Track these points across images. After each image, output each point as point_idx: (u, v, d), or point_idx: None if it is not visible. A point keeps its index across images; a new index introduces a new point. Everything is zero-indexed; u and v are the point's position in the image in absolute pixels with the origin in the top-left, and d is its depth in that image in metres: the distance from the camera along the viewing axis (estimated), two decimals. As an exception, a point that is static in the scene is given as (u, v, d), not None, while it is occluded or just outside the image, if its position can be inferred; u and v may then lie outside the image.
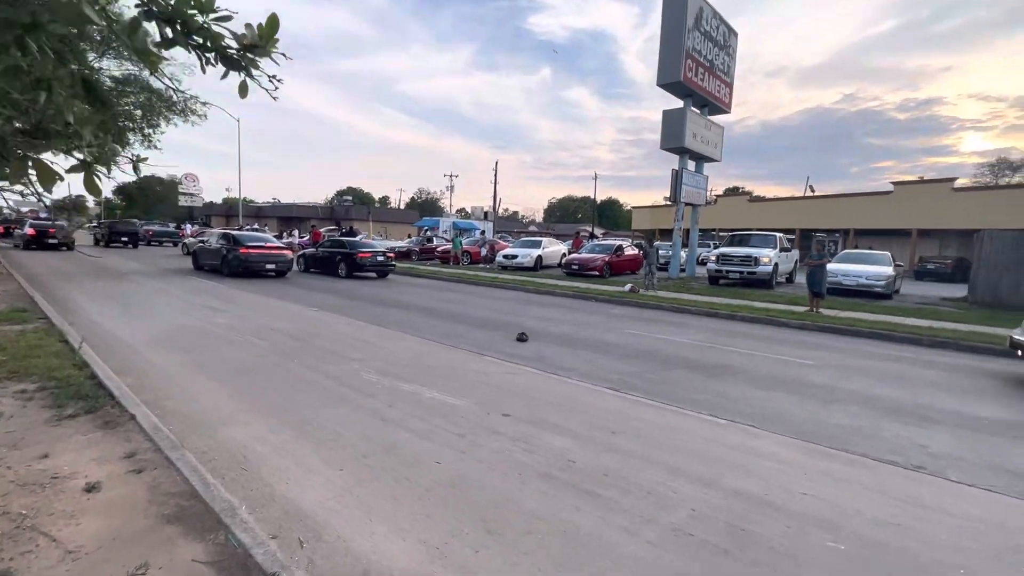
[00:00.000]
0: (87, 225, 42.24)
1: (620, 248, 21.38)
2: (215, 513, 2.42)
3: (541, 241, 24.33)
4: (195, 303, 10.10)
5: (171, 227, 38.04)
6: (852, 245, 28.96)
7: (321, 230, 31.17)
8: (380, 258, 16.92)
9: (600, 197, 74.90)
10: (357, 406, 4.48)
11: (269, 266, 15.51)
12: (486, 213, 56.17)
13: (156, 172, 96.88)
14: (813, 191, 42.51)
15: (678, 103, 18.90)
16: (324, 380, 5.19)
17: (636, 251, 22.85)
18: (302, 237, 33.15)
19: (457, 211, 75.79)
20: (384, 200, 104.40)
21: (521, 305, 11.92)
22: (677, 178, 19.17)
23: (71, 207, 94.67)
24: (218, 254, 15.98)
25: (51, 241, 23.38)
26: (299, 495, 2.90)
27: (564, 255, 25.27)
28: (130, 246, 29.30)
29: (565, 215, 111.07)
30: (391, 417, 4.24)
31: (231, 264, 15.28)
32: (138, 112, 20.80)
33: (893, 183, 32.29)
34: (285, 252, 16.22)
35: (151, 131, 21.77)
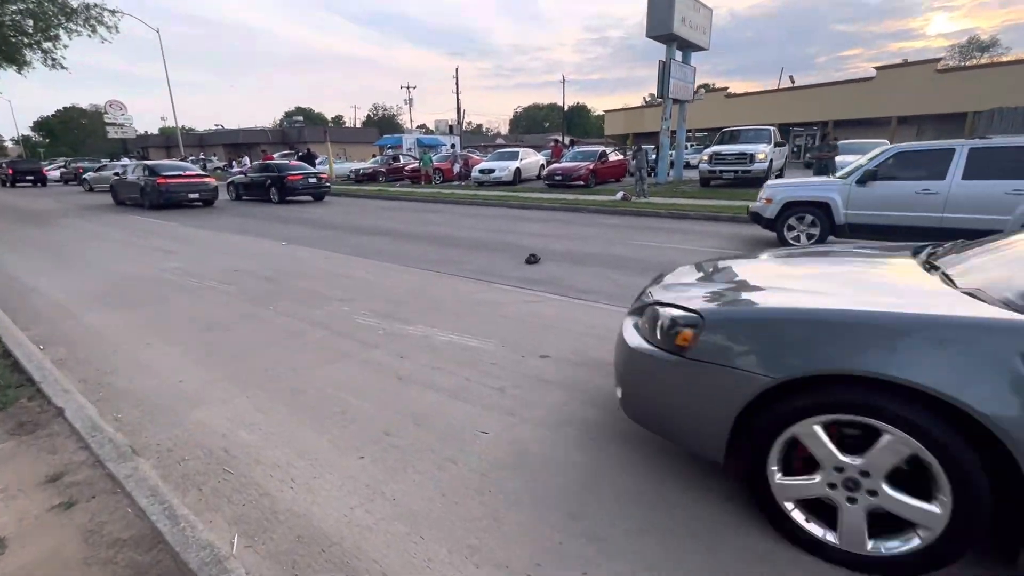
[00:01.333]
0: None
1: (604, 154, 20.08)
2: (191, 574, 1.58)
3: (518, 152, 22.67)
4: (141, 246, 8.73)
5: (110, 164, 33.48)
6: (832, 138, 28.14)
7: (274, 155, 28.36)
8: (312, 180, 16.50)
9: (563, 104, 70.82)
10: (361, 361, 3.60)
11: (192, 195, 14.85)
12: (451, 127, 52.46)
13: (78, 103, 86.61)
14: (793, 82, 40.74)
15: (664, -19, 16.72)
16: (313, 330, 4.25)
17: (620, 157, 21.57)
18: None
19: (417, 127, 70.79)
20: (338, 119, 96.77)
21: (511, 222, 10.89)
22: (664, 70, 17.48)
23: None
24: (136, 187, 15.05)
25: None
26: (312, 507, 2.09)
27: (543, 166, 23.83)
28: (38, 185, 28.37)
29: (532, 125, 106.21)
30: (406, 373, 3.40)
31: (150, 196, 14.52)
32: (29, 21, 17.36)
33: (876, 68, 30.96)
34: (208, 180, 15.60)
35: (50, 44, 18.41)
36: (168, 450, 2.52)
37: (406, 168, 25.39)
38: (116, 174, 18.77)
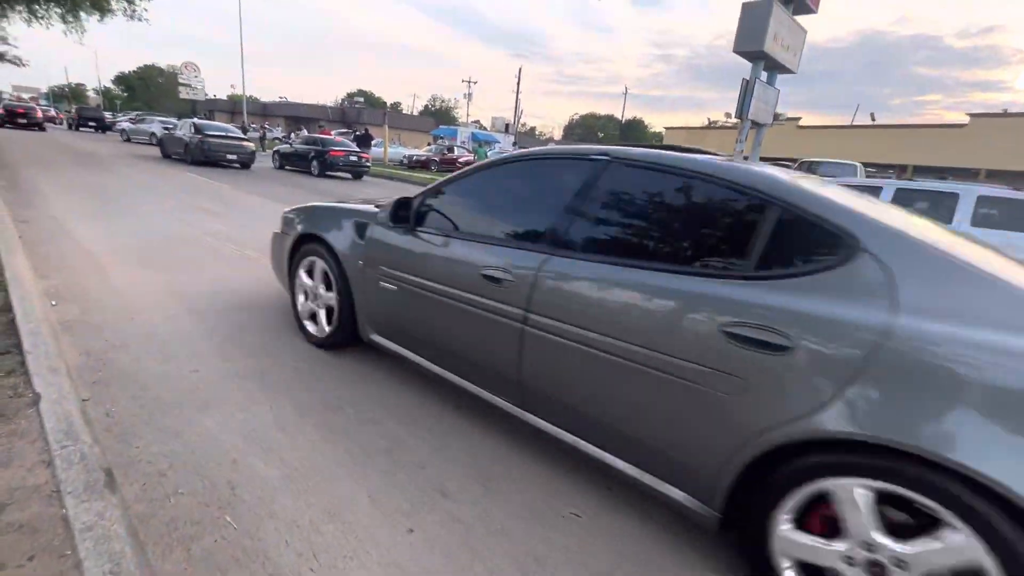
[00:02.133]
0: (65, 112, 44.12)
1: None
2: None
3: (575, 157, 21.87)
4: (186, 204, 8.37)
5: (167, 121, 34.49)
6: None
7: (332, 132, 28.51)
8: (353, 158, 16.79)
9: (622, 116, 68.59)
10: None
11: (230, 156, 15.57)
12: (507, 125, 52.12)
13: (158, 63, 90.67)
14: (873, 120, 38.47)
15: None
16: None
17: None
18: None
19: (472, 122, 70.79)
20: (396, 106, 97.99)
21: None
22: (747, 89, 16.29)
23: (70, 95, 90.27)
24: (182, 142, 15.90)
25: (21, 121, 24.84)
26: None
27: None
28: (99, 131, 30.65)
29: (587, 133, 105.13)
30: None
31: (193, 152, 15.22)
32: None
33: (970, 115, 28.68)
34: (246, 144, 16.31)
35: (134, -3, 18.74)
36: (160, 473, 1.88)
37: (459, 160, 24.97)
38: (166, 128, 20.17)
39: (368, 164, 17.82)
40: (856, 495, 1.30)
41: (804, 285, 1.43)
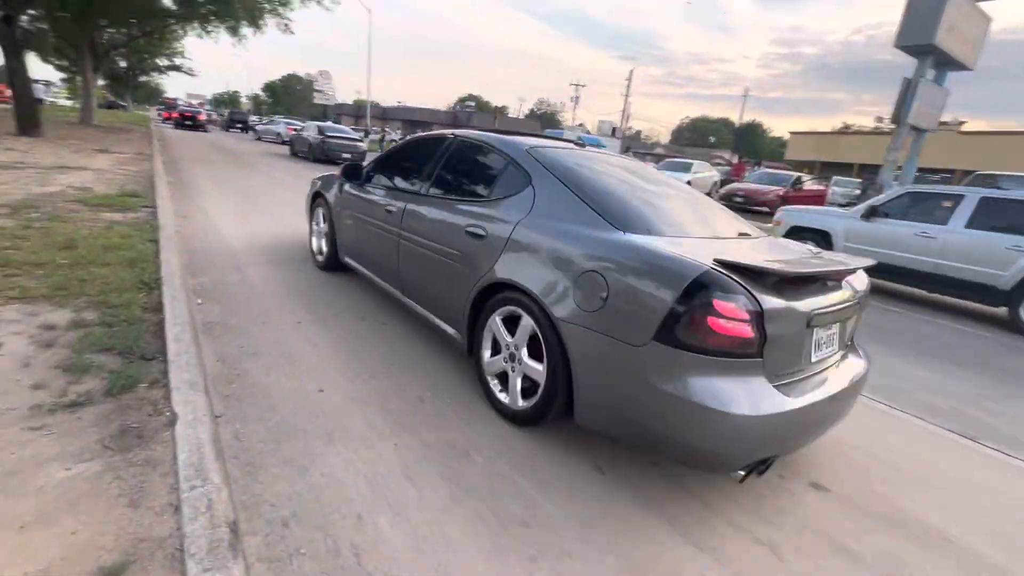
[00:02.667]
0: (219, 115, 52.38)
1: (799, 180, 17.10)
2: None
3: (691, 164, 20.46)
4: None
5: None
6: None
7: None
8: None
9: (739, 119, 63.15)
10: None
11: (345, 155, 17.57)
12: (614, 129, 50.86)
13: (297, 71, 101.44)
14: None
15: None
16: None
17: (820, 187, 18.33)
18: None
19: (577, 125, 70.16)
20: (503, 109, 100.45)
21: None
22: (909, 89, 14.08)
23: (227, 100, 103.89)
24: (307, 142, 18.41)
25: (189, 123, 30.75)
26: None
27: (717, 184, 21.37)
28: (244, 131, 36.49)
29: (697, 138, 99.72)
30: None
31: (315, 150, 17.62)
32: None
33: None
34: (359, 144, 18.64)
35: (282, 8, 20.79)
36: (283, 523, 1.68)
37: (565, 164, 24.57)
38: (294, 130, 23.82)
39: None
40: (497, 321, 2.48)
41: (501, 204, 2.64)
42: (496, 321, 2.47)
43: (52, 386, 2.05)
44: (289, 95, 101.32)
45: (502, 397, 2.50)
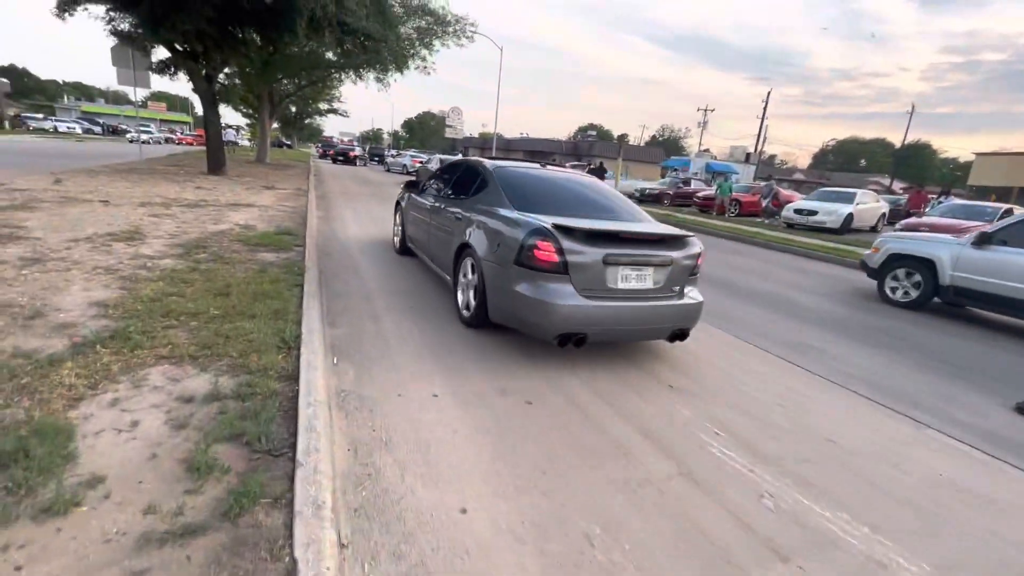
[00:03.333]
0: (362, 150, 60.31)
1: (1009, 213, 13.74)
2: None
3: (853, 194, 17.59)
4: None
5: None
6: None
7: (567, 165, 29.59)
8: None
9: (899, 139, 53.31)
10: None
11: None
12: (748, 155, 47.07)
13: (431, 108, 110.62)
14: None
15: None
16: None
17: (1039, 221, 14.62)
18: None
19: (702, 151, 66.28)
20: (624, 137, 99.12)
21: (864, 294, 7.49)
22: None
23: (371, 137, 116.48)
24: (428, 171, 19.16)
25: (340, 158, 37.38)
26: None
27: (884, 215, 18.23)
28: (380, 164, 41.50)
29: (846, 161, 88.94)
30: None
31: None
32: (414, 35, 21.41)
33: None
34: None
35: (426, 52, 22.42)
36: None
37: (697, 194, 22.88)
38: (420, 162, 26.69)
39: None
40: (464, 263, 4.19)
41: (473, 199, 4.43)
42: (464, 264, 4.16)
43: (166, 507, 1.72)
44: (423, 130, 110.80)
45: (463, 311, 4.14)
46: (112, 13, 14.36)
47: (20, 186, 8.55)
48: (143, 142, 31.65)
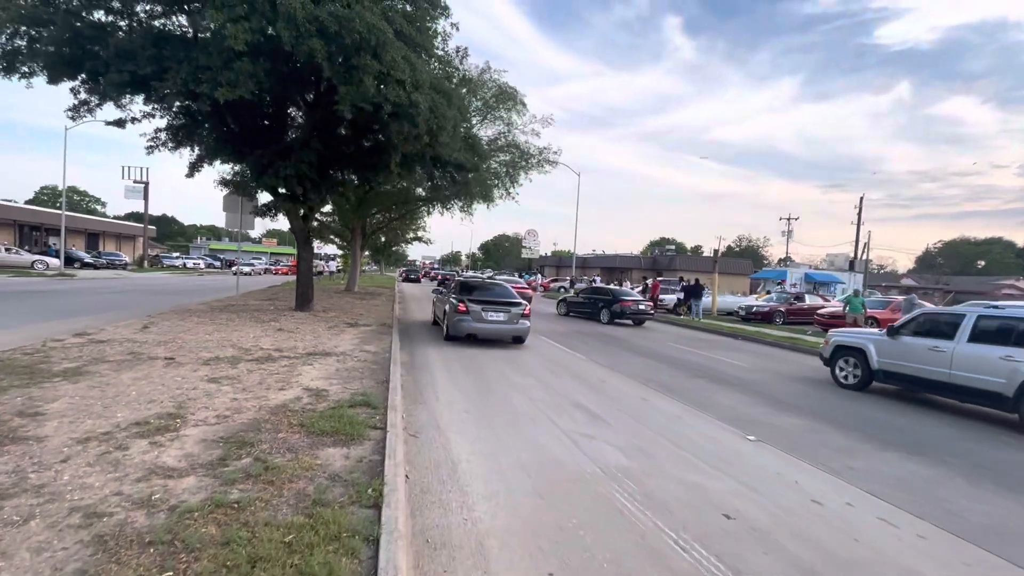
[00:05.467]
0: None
1: None
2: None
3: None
4: (551, 387, 6.93)
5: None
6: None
7: (655, 279, 27.79)
8: (641, 307, 18.29)
9: (1010, 235, 45.44)
10: None
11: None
12: (851, 262, 42.94)
13: (505, 231, 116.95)
14: None
15: None
16: None
17: None
18: (635, 287, 30.53)
19: (780, 261, 62.32)
20: (697, 249, 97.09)
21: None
22: None
23: (450, 259, 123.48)
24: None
25: (411, 277, 43.82)
26: None
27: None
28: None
29: (962, 264, 79.95)
30: None
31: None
32: (502, 169, 21.93)
33: None
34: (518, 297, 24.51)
35: (511, 184, 22.79)
36: None
37: (817, 311, 19.80)
38: (489, 278, 27.99)
39: (652, 313, 19.24)
40: (447, 311, 11.65)
41: (450, 291, 13.14)
42: (443, 312, 11.79)
43: None
44: (498, 251, 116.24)
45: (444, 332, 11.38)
46: (225, 166, 15.64)
47: (102, 336, 8.05)
48: (244, 273, 36.89)
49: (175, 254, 59.37)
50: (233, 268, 45.81)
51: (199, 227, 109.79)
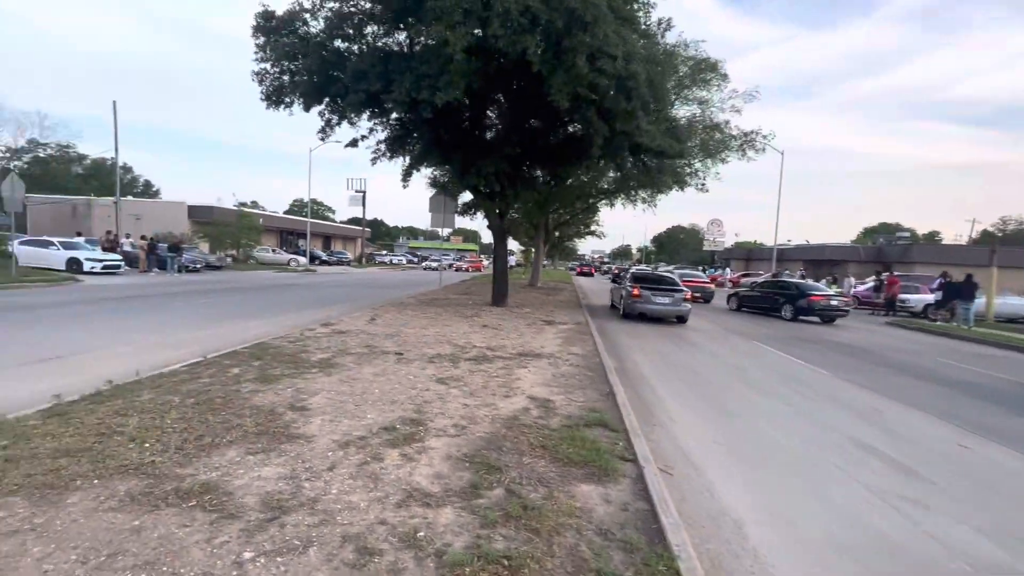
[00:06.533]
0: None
1: None
2: None
3: None
4: (830, 437, 5.36)
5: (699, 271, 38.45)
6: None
7: (891, 274, 22.30)
8: (834, 303, 16.51)
9: None
10: None
11: (695, 294, 19.08)
12: None
13: (680, 223, 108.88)
14: None
15: None
16: None
17: None
18: (861, 284, 25.14)
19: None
20: (933, 235, 77.04)
21: None
22: None
23: (621, 253, 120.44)
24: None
25: (585, 271, 43.14)
26: None
27: None
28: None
29: None
30: None
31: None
32: (696, 153, 19.70)
33: None
34: (708, 285, 22.32)
35: (710, 169, 20.40)
36: None
37: None
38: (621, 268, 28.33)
39: (846, 310, 17.27)
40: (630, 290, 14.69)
41: (624, 281, 17.67)
42: (618, 294, 15.95)
43: None
44: (672, 243, 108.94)
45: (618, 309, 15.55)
46: (434, 171, 16.90)
47: (341, 327, 9.02)
48: (432, 268, 43.17)
49: (383, 252, 69.28)
50: (424, 264, 51.41)
51: (400, 228, 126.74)
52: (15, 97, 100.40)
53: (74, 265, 19.26)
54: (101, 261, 19.91)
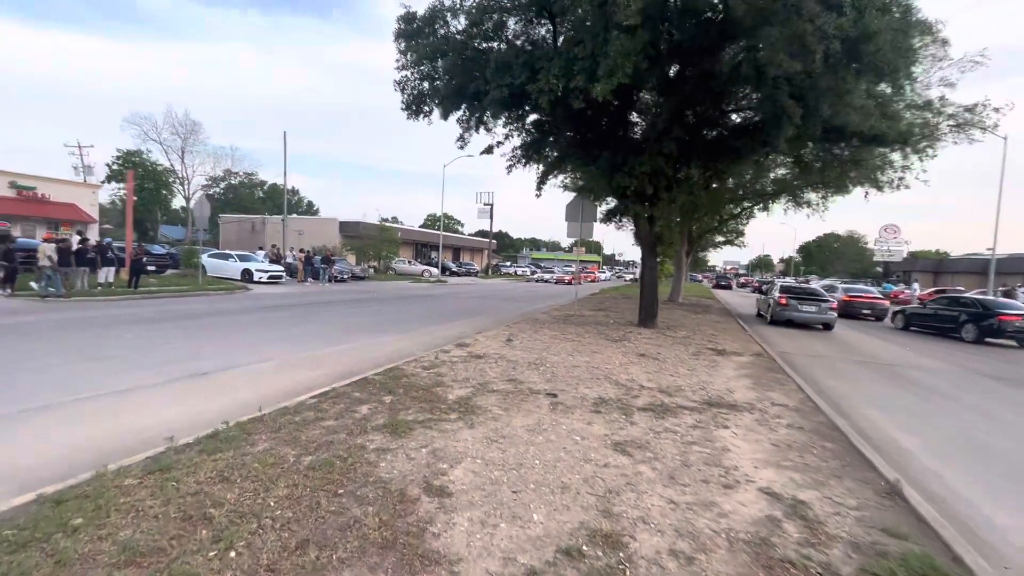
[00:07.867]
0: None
1: None
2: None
3: None
4: None
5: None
6: None
7: None
8: None
9: None
10: None
11: (865, 311, 19.87)
12: None
13: (833, 229, 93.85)
14: None
15: None
16: None
17: None
18: None
19: None
20: None
21: None
22: None
23: (759, 264, 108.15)
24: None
25: (721, 283, 40.30)
26: None
27: None
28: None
29: None
30: None
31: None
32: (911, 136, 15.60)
33: None
34: (881, 301, 20.65)
35: (916, 157, 16.15)
36: None
37: None
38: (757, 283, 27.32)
39: None
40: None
41: (770, 292, 20.93)
42: (766, 304, 17.48)
43: None
44: (823, 253, 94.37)
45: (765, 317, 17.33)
46: (567, 177, 15.56)
47: (477, 349, 7.97)
48: (543, 280, 43.20)
49: (507, 263, 70.25)
50: (535, 276, 48.03)
51: (523, 239, 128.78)
52: (215, 135, 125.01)
53: (247, 275, 21.53)
54: (267, 272, 22.01)
